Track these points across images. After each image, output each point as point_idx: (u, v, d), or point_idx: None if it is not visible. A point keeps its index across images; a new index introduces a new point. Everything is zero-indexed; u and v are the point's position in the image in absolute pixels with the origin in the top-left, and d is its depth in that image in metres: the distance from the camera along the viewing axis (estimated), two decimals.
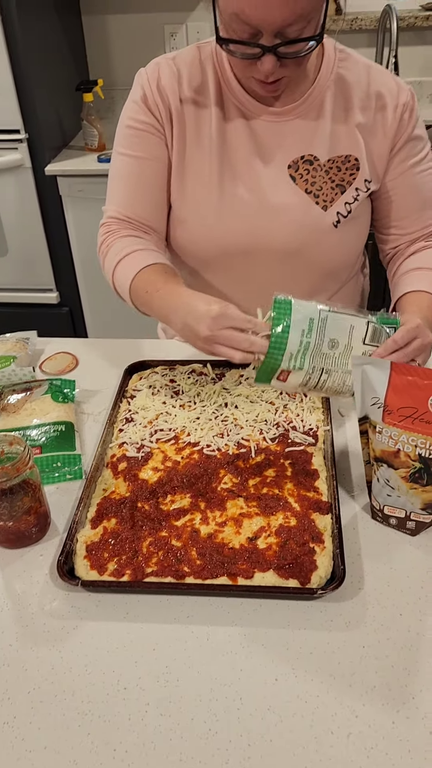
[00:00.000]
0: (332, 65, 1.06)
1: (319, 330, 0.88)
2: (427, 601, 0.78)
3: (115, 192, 1.12)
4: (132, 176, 1.09)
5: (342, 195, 1.09)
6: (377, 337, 0.90)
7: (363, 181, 1.09)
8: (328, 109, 1.06)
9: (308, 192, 1.08)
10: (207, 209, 1.09)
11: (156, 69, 1.05)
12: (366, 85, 1.06)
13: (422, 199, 1.14)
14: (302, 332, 0.87)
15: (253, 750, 0.65)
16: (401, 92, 1.07)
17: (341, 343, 0.89)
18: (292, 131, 1.06)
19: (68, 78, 2.50)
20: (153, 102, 1.04)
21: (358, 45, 2.55)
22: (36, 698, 0.70)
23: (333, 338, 0.88)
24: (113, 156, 1.11)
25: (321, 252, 1.13)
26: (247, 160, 1.07)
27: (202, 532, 0.85)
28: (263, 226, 1.09)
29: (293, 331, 0.87)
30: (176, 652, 0.74)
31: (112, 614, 0.78)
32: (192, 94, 1.05)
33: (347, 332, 0.89)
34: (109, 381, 1.18)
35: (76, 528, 0.86)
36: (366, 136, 1.07)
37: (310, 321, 0.87)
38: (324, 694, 0.69)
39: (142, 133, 1.06)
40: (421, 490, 0.82)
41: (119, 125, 1.10)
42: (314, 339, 0.88)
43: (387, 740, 0.65)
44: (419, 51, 2.57)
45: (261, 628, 0.76)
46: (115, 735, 0.66)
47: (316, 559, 0.81)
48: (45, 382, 1.11)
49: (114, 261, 1.07)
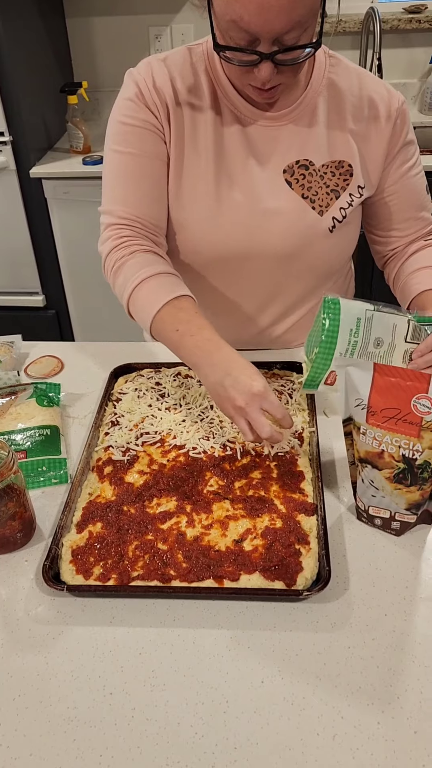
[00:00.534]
0: (323, 70, 1.06)
1: (366, 329, 0.88)
2: (412, 601, 0.79)
3: (114, 191, 1.07)
4: (133, 174, 1.05)
5: (337, 200, 1.09)
6: (417, 335, 0.91)
7: (356, 187, 1.10)
8: (321, 114, 1.06)
9: (304, 197, 1.08)
10: (203, 214, 1.08)
11: (149, 69, 1.03)
12: (358, 92, 1.07)
13: (419, 200, 1.16)
14: (350, 332, 0.87)
15: (240, 753, 0.65)
16: (392, 99, 1.07)
17: (386, 342, 0.89)
18: (286, 136, 1.06)
19: (52, 80, 2.49)
20: (150, 100, 1.02)
21: (342, 47, 2.56)
22: (21, 705, 0.70)
23: (378, 337, 0.89)
24: (108, 155, 1.08)
25: (316, 256, 1.13)
26: (243, 164, 1.07)
27: (188, 535, 0.85)
28: (260, 230, 1.09)
29: (342, 331, 0.87)
30: (162, 656, 0.74)
31: (98, 619, 0.78)
32: (187, 96, 1.04)
33: (391, 331, 0.89)
34: (95, 384, 1.18)
35: (61, 533, 0.86)
36: (359, 142, 1.08)
37: (357, 320, 0.87)
38: (310, 696, 0.69)
39: (139, 130, 1.03)
40: (405, 491, 0.83)
41: (111, 123, 1.06)
42: (361, 338, 0.88)
43: (372, 741, 0.65)
44: (402, 53, 2.59)
45: (247, 631, 0.76)
46: (101, 740, 0.66)
47: (301, 561, 0.81)
48: (30, 386, 1.11)
49: (131, 284, 1.01)
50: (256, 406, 0.87)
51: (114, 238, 1.07)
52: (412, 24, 2.48)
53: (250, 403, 0.86)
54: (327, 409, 1.09)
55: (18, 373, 1.21)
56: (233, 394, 0.87)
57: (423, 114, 2.56)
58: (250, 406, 0.87)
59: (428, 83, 2.51)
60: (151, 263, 1.03)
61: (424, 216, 1.17)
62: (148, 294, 1.00)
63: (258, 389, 0.87)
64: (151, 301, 0.99)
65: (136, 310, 1.02)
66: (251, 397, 0.86)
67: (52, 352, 1.28)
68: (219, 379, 0.89)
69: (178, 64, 1.04)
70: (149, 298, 1.00)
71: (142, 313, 1.01)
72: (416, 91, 2.62)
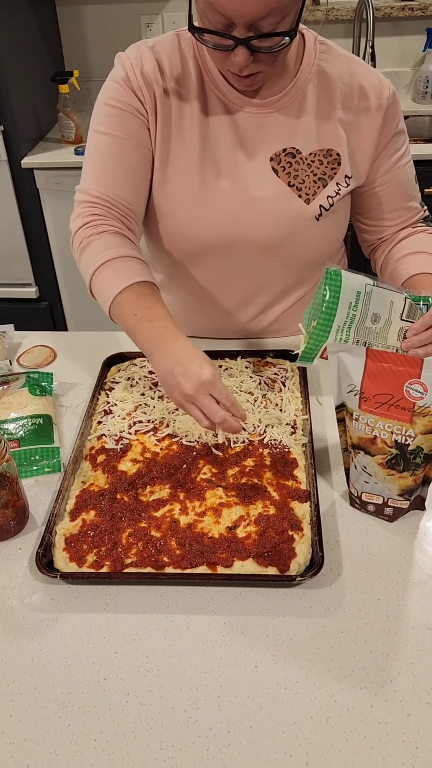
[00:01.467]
0: (313, 57, 1.05)
1: (364, 303, 0.88)
2: (405, 586, 0.79)
3: (93, 170, 1.07)
4: (111, 155, 1.05)
5: (324, 189, 1.09)
6: (413, 314, 0.91)
7: (343, 177, 1.09)
8: (311, 102, 1.05)
9: (291, 185, 1.08)
10: (189, 202, 1.08)
11: (138, 54, 1.03)
12: (348, 80, 1.06)
13: (408, 190, 1.16)
14: (349, 305, 0.87)
15: (234, 737, 0.65)
16: (383, 88, 1.07)
17: (382, 318, 0.89)
18: (274, 124, 1.06)
19: (43, 69, 2.47)
20: (137, 85, 1.01)
21: (334, 35, 2.55)
22: (15, 690, 0.70)
23: (376, 312, 0.89)
24: (90, 135, 1.07)
25: (303, 245, 1.13)
26: (230, 152, 1.06)
27: (181, 522, 0.85)
28: (245, 219, 1.08)
29: (342, 303, 0.87)
30: (156, 641, 0.74)
31: (91, 606, 0.78)
32: (174, 84, 1.03)
33: (388, 307, 0.89)
34: (88, 373, 1.18)
35: (54, 520, 0.86)
36: (349, 132, 1.07)
37: (357, 294, 0.87)
38: (303, 680, 0.70)
39: (123, 113, 1.03)
40: (397, 477, 0.83)
41: (97, 103, 1.06)
42: (359, 312, 0.88)
43: (365, 723, 0.66)
44: (395, 41, 2.58)
45: (241, 616, 0.76)
46: (96, 725, 0.66)
47: (295, 547, 0.81)
48: (22, 376, 1.10)
49: (95, 263, 1.02)
50: (205, 393, 0.86)
51: (85, 215, 1.06)
52: (404, 12, 2.47)
53: (199, 390, 0.86)
54: (320, 397, 1.09)
55: (10, 362, 1.21)
56: (182, 381, 0.87)
57: (416, 102, 2.56)
58: (199, 393, 0.86)
59: (421, 72, 2.50)
60: (118, 245, 1.02)
61: (412, 205, 1.17)
62: (110, 276, 1.00)
63: (206, 377, 0.86)
64: (113, 283, 0.99)
65: (98, 290, 1.02)
66: (200, 384, 0.86)
67: (45, 341, 1.28)
68: (169, 366, 0.89)
69: (167, 50, 1.03)
70: (111, 279, 0.99)
71: (102, 294, 1.01)
72: (409, 79, 2.61)
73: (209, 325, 1.25)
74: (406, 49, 2.59)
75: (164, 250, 1.15)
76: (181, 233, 1.11)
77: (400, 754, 0.63)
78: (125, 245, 1.03)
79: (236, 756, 0.64)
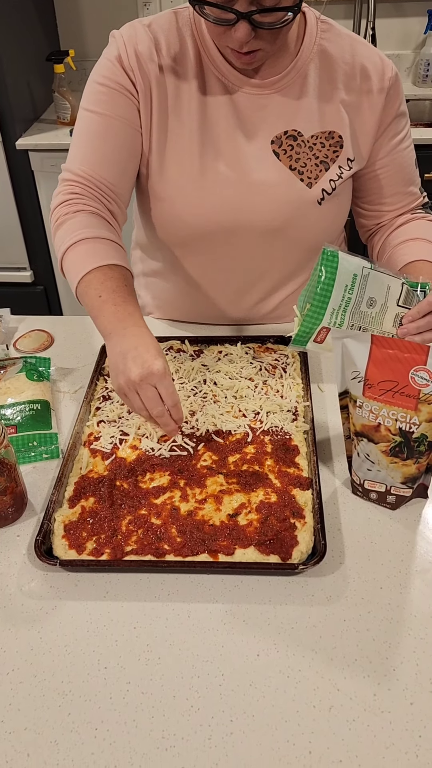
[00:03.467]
0: (315, 37, 1.02)
1: (361, 287, 0.86)
2: (408, 575, 0.78)
3: (78, 149, 1.04)
4: (98, 134, 1.03)
5: (326, 172, 1.07)
6: (409, 300, 0.90)
7: (346, 160, 1.07)
8: (312, 83, 1.03)
9: (292, 168, 1.05)
10: (187, 186, 1.05)
11: (133, 33, 1.00)
12: (350, 59, 1.03)
13: (408, 175, 1.14)
14: (345, 287, 0.85)
15: (236, 725, 0.65)
16: (386, 68, 1.04)
17: (378, 303, 0.87)
18: (275, 105, 1.03)
19: (38, 49, 2.43)
20: (129, 65, 0.99)
21: (335, 16, 2.50)
22: (15, 679, 0.69)
23: (372, 297, 0.87)
24: (79, 113, 1.05)
25: (304, 229, 1.11)
26: (229, 135, 1.04)
27: (182, 510, 0.84)
28: (246, 203, 1.06)
29: (337, 285, 0.85)
30: (157, 630, 0.73)
31: (91, 594, 0.77)
32: (171, 63, 1.00)
33: (385, 291, 0.88)
34: (85, 359, 1.16)
35: (53, 507, 0.84)
36: (351, 113, 1.05)
37: (353, 276, 0.86)
38: (306, 669, 0.69)
39: (113, 92, 1.01)
40: (401, 464, 0.82)
41: (89, 81, 1.04)
42: (355, 296, 0.86)
43: (368, 712, 0.65)
44: (397, 23, 2.54)
45: (242, 605, 0.75)
46: (96, 714, 0.66)
47: (296, 535, 0.80)
48: (19, 360, 1.09)
49: (68, 241, 1.00)
50: (151, 383, 0.84)
51: (64, 193, 1.04)
52: None
53: (146, 379, 0.84)
54: (321, 384, 1.08)
55: (7, 347, 1.19)
56: (131, 367, 0.84)
57: (417, 86, 2.53)
58: (144, 382, 0.84)
59: (422, 54, 2.46)
60: (92, 226, 1.00)
61: (411, 190, 1.15)
62: (81, 255, 0.98)
63: (157, 368, 0.84)
64: (82, 262, 0.97)
65: (67, 268, 1.00)
66: (149, 373, 0.84)
67: (42, 326, 1.26)
68: (123, 350, 0.86)
69: (164, 29, 1.01)
70: (81, 259, 0.97)
71: (71, 273, 0.99)
72: (410, 62, 2.58)
73: (209, 312, 1.23)
74: (407, 32, 2.56)
75: (164, 236, 1.13)
76: (181, 220, 1.09)
77: (403, 743, 0.63)
78: (101, 226, 1.01)
79: (238, 745, 0.63)
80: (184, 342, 1.14)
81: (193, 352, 1.13)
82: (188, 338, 1.15)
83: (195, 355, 1.12)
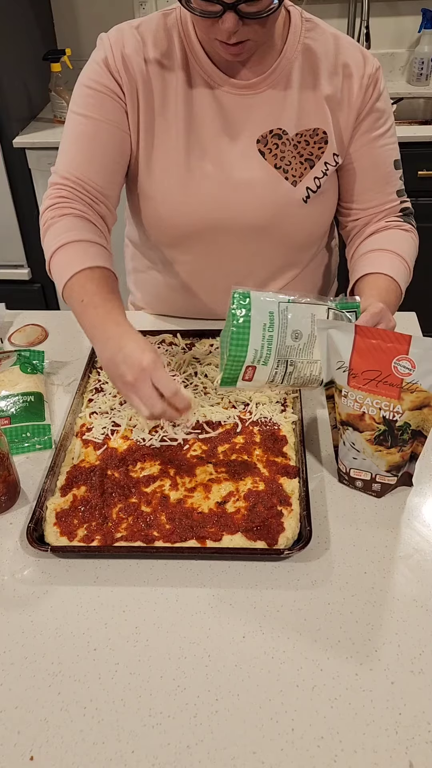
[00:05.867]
0: (299, 35, 1.04)
1: (281, 322, 0.86)
2: (391, 560, 0.80)
3: (67, 152, 1.05)
4: (86, 137, 1.04)
5: (311, 170, 1.08)
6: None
7: (332, 155, 1.08)
8: (296, 80, 1.04)
9: (277, 167, 1.06)
10: (174, 187, 1.07)
11: (120, 37, 1.02)
12: (333, 56, 1.05)
13: (383, 173, 1.12)
14: (264, 326, 0.85)
15: (221, 704, 0.66)
16: (367, 64, 1.05)
17: (304, 334, 0.87)
18: (259, 105, 1.04)
19: (35, 48, 2.44)
20: (115, 68, 1.01)
21: (329, 15, 2.52)
22: (6, 660, 0.71)
23: (296, 329, 0.86)
24: (68, 115, 1.06)
25: (290, 228, 1.12)
26: (215, 134, 1.05)
27: (171, 498, 0.86)
28: (231, 202, 1.08)
29: (254, 326, 0.85)
30: (146, 613, 0.75)
31: (82, 579, 0.79)
32: (158, 64, 1.02)
33: (309, 322, 0.87)
34: (79, 352, 1.18)
35: (45, 496, 0.86)
36: (333, 108, 1.06)
37: (270, 314, 0.85)
38: (290, 650, 0.71)
39: (100, 95, 1.02)
40: (385, 453, 0.84)
41: (77, 84, 1.05)
42: (276, 332, 0.85)
43: (350, 691, 0.67)
44: (391, 22, 2.55)
45: (229, 589, 0.77)
46: (86, 693, 0.67)
47: (283, 521, 0.82)
48: (13, 354, 1.11)
49: (53, 245, 1.00)
50: (146, 380, 0.83)
51: (52, 197, 1.05)
52: None
53: (140, 377, 0.83)
54: None
55: (1, 340, 1.21)
56: (123, 370, 0.84)
57: (411, 84, 2.54)
58: (140, 382, 0.83)
59: (416, 53, 2.48)
60: (77, 228, 1.01)
61: (386, 190, 1.13)
62: (64, 259, 0.99)
63: (147, 362, 0.83)
64: (66, 267, 0.98)
65: (54, 273, 1.01)
66: (140, 371, 0.83)
67: (36, 320, 1.28)
68: (111, 354, 0.86)
69: (152, 31, 1.02)
70: (64, 263, 0.98)
71: (57, 277, 1.00)
72: (404, 61, 2.59)
73: (199, 308, 1.24)
74: (401, 30, 2.57)
75: (151, 235, 1.14)
76: (168, 218, 1.10)
77: (384, 720, 0.65)
78: (85, 229, 1.02)
79: (223, 722, 0.65)
80: (176, 335, 1.15)
81: (185, 345, 1.14)
82: (180, 332, 1.17)
83: (187, 348, 1.14)
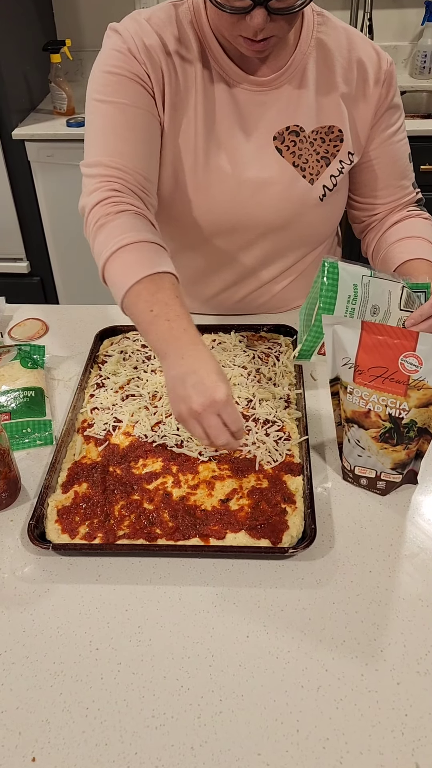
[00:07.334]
0: (312, 30, 1.02)
1: (363, 296, 0.85)
2: (396, 559, 0.79)
3: (103, 142, 0.96)
4: (121, 124, 0.95)
5: (327, 167, 1.06)
6: (411, 303, 0.89)
7: (347, 154, 1.07)
8: (311, 77, 1.02)
9: (295, 165, 1.04)
10: (192, 186, 1.04)
11: (137, 27, 0.96)
12: (347, 52, 1.03)
13: (401, 168, 1.13)
14: (348, 298, 0.84)
15: (225, 705, 0.66)
16: (382, 61, 1.04)
17: (382, 309, 0.87)
18: (275, 101, 1.02)
19: (34, 38, 2.42)
20: (140, 56, 0.95)
21: (332, 7, 2.50)
22: (7, 660, 0.70)
23: (375, 304, 0.86)
24: (92, 105, 0.98)
25: (305, 226, 1.11)
26: (231, 131, 1.02)
27: (174, 495, 0.85)
28: (247, 201, 1.05)
29: (340, 297, 0.84)
30: (148, 612, 0.74)
31: (84, 577, 0.78)
32: (178, 57, 0.98)
33: (387, 297, 0.87)
34: (80, 347, 1.17)
35: (46, 492, 0.85)
36: (349, 106, 1.04)
37: (354, 287, 0.85)
38: (294, 650, 0.70)
39: (127, 80, 0.96)
40: (391, 450, 0.83)
41: (96, 74, 0.98)
42: (359, 305, 0.85)
43: (356, 692, 0.66)
44: (394, 14, 2.53)
45: (233, 588, 0.76)
46: (88, 694, 0.67)
47: (287, 519, 0.81)
48: (14, 348, 1.09)
49: (111, 246, 0.91)
50: (215, 413, 0.79)
51: (103, 190, 0.95)
52: None
53: (208, 409, 0.78)
54: (314, 372, 1.09)
55: (1, 335, 1.20)
56: (192, 394, 0.79)
57: (414, 78, 2.52)
58: (207, 412, 0.79)
59: (419, 46, 2.46)
60: (138, 229, 0.92)
61: (404, 184, 1.14)
62: (127, 262, 0.90)
63: (220, 396, 0.78)
64: (129, 271, 0.89)
65: (112, 277, 0.92)
66: (211, 402, 0.78)
67: (37, 314, 1.27)
68: (182, 374, 0.81)
69: (165, 23, 0.98)
70: (127, 267, 0.90)
71: (116, 282, 0.90)
72: (407, 54, 2.57)
73: (205, 302, 1.23)
74: (404, 23, 2.55)
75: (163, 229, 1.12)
76: (183, 214, 1.08)
77: (390, 722, 0.64)
78: (145, 229, 0.93)
79: (227, 723, 0.64)
80: None
81: None
82: None
83: None
